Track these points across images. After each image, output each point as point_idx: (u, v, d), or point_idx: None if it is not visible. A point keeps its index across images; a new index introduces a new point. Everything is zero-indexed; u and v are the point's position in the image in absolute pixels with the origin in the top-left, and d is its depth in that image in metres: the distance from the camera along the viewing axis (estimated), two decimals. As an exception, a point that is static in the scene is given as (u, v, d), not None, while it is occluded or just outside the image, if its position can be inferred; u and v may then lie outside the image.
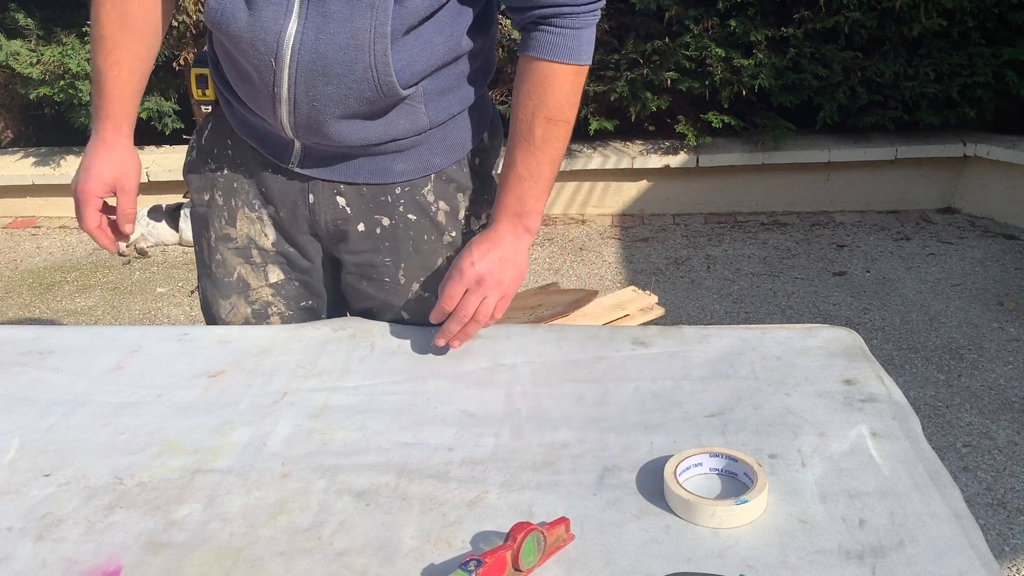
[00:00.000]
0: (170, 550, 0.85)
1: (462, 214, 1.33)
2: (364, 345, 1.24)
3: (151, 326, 1.32)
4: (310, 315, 1.42)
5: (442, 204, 1.31)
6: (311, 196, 1.29)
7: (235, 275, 1.37)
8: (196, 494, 0.93)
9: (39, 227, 4.79)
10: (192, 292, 1.34)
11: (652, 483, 0.91)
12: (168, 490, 0.94)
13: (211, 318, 1.42)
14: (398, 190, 1.28)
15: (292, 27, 1.11)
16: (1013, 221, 4.15)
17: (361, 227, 1.30)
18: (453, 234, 1.33)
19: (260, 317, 1.39)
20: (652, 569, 0.80)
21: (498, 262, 1.19)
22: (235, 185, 1.33)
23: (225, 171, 1.34)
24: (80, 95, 4.46)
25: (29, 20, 4.68)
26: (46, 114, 4.96)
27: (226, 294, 1.38)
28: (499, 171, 1.29)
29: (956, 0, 3.96)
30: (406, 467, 0.96)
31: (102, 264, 4.25)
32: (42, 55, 4.46)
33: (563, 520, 0.84)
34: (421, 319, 1.34)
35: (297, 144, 1.24)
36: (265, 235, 1.34)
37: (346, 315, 1.44)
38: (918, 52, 4.17)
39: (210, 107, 1.35)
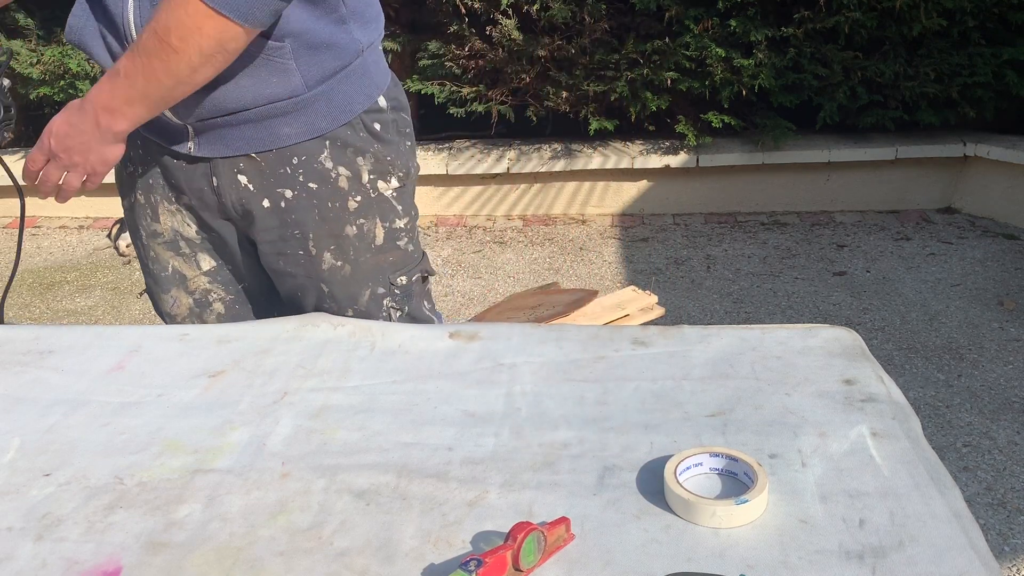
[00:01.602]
0: (170, 550, 0.85)
1: (365, 178, 1.35)
2: (364, 345, 1.24)
3: (151, 326, 1.33)
4: (249, 296, 1.47)
5: (342, 170, 1.32)
6: (215, 179, 1.33)
7: (170, 268, 1.42)
8: (196, 494, 0.93)
9: (39, 227, 4.79)
10: (141, 294, 1.37)
11: (652, 483, 0.91)
12: (168, 490, 0.94)
13: (160, 314, 1.48)
14: (295, 160, 1.30)
15: (131, 6, 1.17)
16: (1013, 221, 4.15)
17: (266, 203, 1.33)
18: (359, 199, 1.34)
19: (202, 305, 1.45)
20: (652, 569, 0.80)
21: (75, 145, 1.22)
22: (151, 182, 1.38)
23: (140, 170, 1.39)
24: (80, 95, 4.46)
25: (29, 20, 4.68)
26: (46, 114, 4.96)
27: (166, 288, 1.43)
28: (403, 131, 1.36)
29: (956, 0, 3.96)
30: (406, 467, 0.96)
31: (102, 264, 4.25)
32: (42, 55, 4.46)
33: (563, 520, 0.83)
34: (342, 291, 1.37)
35: (187, 127, 1.27)
36: (188, 225, 1.40)
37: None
38: (918, 52, 4.17)
39: None
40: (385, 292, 1.42)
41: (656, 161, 4.35)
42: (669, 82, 4.17)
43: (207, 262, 1.42)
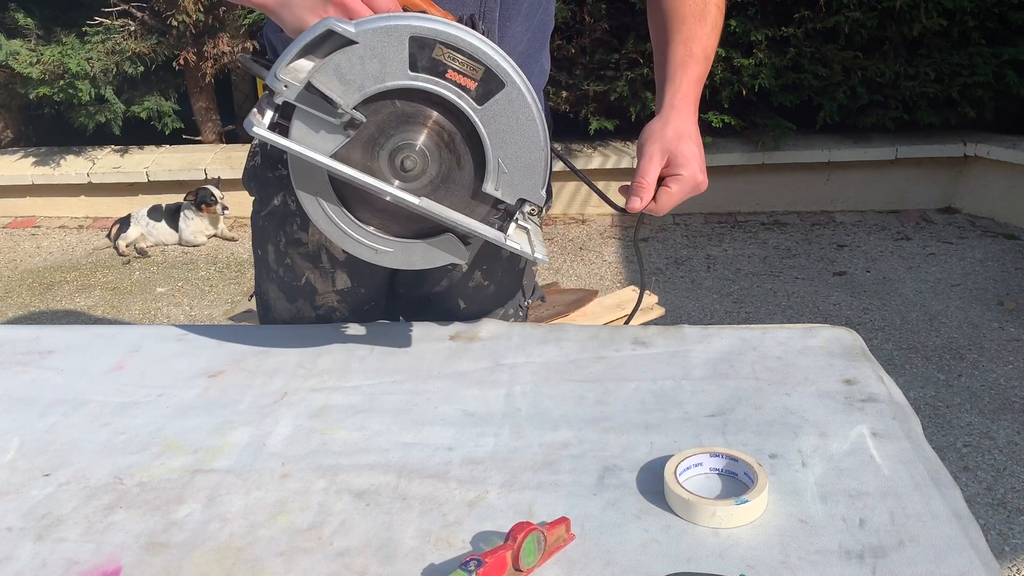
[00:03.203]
0: (170, 550, 0.85)
1: None
2: (364, 345, 1.24)
3: (151, 326, 1.32)
4: (365, 318, 1.40)
5: None
6: None
7: (303, 280, 1.34)
8: (196, 494, 0.93)
9: (39, 227, 4.79)
10: (250, 298, 1.32)
11: (652, 483, 0.91)
12: (168, 490, 0.94)
13: (271, 322, 1.41)
14: None
15: None
16: (1013, 221, 4.15)
17: None
18: None
19: (323, 321, 1.38)
20: (652, 569, 0.80)
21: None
22: None
23: None
24: (80, 95, 4.46)
25: (29, 20, 4.68)
26: (46, 114, 4.96)
27: (292, 298, 1.36)
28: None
29: (956, 0, 3.96)
30: (406, 467, 0.96)
31: (102, 264, 4.25)
32: (42, 55, 4.46)
33: (563, 520, 0.83)
34: (476, 309, 1.34)
35: None
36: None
37: (395, 314, 1.44)
38: (918, 52, 4.17)
39: None
40: (512, 315, 1.42)
41: (656, 161, 4.35)
42: (669, 82, 4.16)
43: (343, 281, 1.35)
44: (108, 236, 4.49)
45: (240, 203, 4.65)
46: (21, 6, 4.70)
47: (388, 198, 0.96)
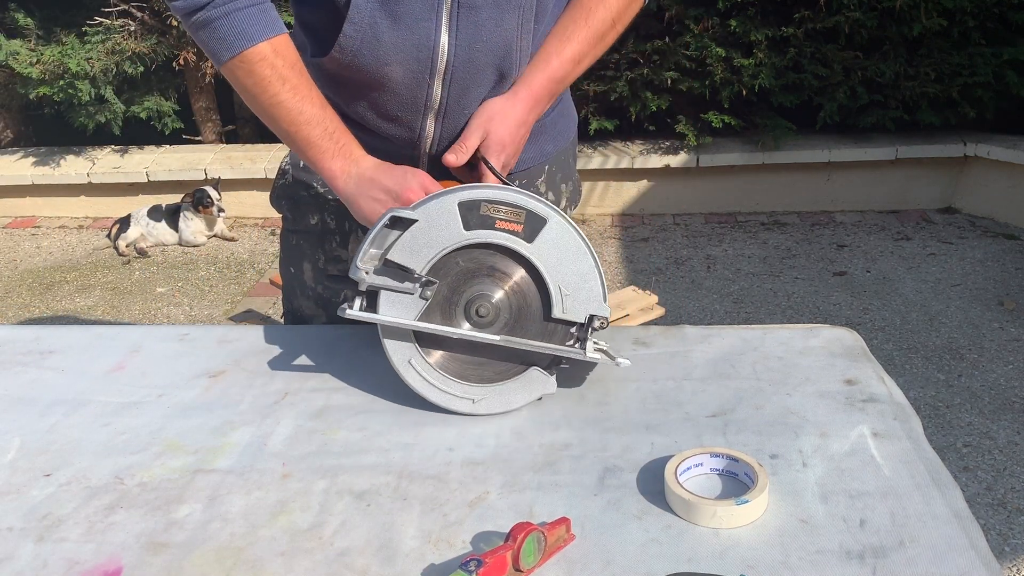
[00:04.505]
0: (171, 550, 0.85)
1: (563, 203, 1.36)
2: (365, 345, 1.24)
3: (151, 326, 1.32)
4: None
5: (551, 195, 1.34)
6: None
7: (342, 296, 1.36)
8: (197, 494, 0.93)
9: (39, 227, 4.79)
10: (275, 316, 1.30)
11: (653, 483, 0.91)
12: (169, 490, 0.94)
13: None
14: (516, 183, 1.28)
15: (444, 39, 1.12)
16: (1013, 221, 4.15)
17: None
18: None
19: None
20: (653, 569, 0.80)
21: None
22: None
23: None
24: (79, 95, 4.46)
25: (29, 20, 4.67)
26: (46, 114, 4.96)
27: (332, 314, 1.37)
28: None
29: (956, 0, 3.96)
30: (407, 467, 0.96)
31: (102, 264, 4.25)
32: (42, 55, 4.46)
33: (564, 520, 0.83)
34: None
35: (425, 160, 1.23)
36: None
37: None
38: (918, 52, 4.17)
39: None
40: None
41: (656, 161, 4.35)
42: (669, 82, 4.17)
43: None
44: (108, 236, 4.49)
45: (239, 204, 4.65)
46: (21, 6, 4.70)
47: (473, 341, 1.07)
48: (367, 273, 1.03)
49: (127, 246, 4.34)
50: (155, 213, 4.40)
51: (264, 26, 1.07)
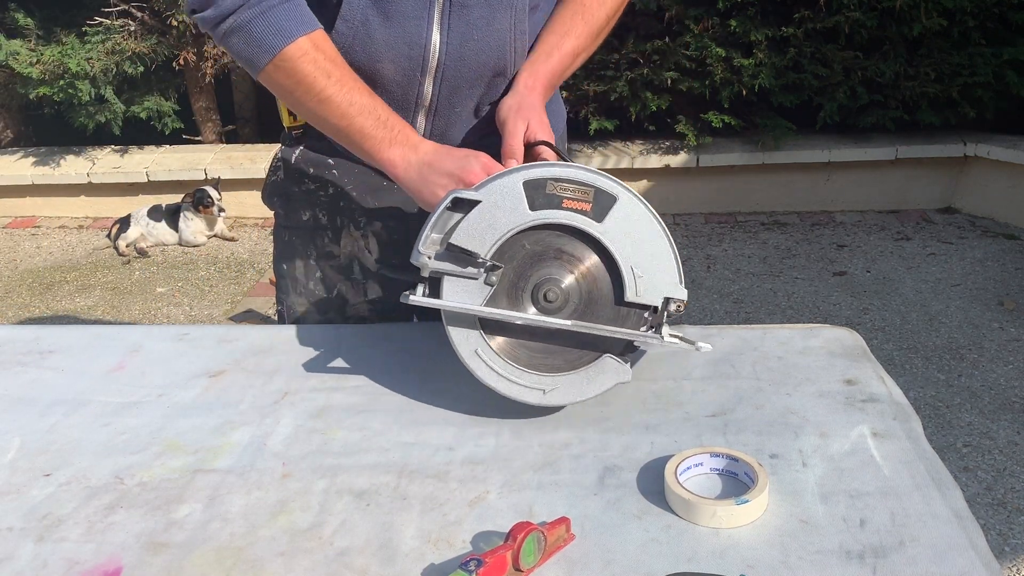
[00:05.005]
0: (170, 550, 0.85)
1: None
2: (365, 345, 1.24)
3: (151, 326, 1.32)
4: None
5: None
6: None
7: (335, 292, 1.35)
8: (197, 494, 0.93)
9: (39, 227, 4.79)
10: (274, 315, 1.30)
11: (653, 483, 0.91)
12: (168, 490, 0.94)
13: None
14: None
15: (436, 37, 1.12)
16: (1013, 221, 4.15)
17: None
18: None
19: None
20: (653, 569, 0.80)
21: None
22: (341, 204, 1.31)
23: (329, 190, 1.31)
24: (79, 95, 4.46)
25: (29, 20, 4.67)
26: (46, 114, 4.96)
27: (323, 310, 1.37)
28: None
29: (956, 0, 3.96)
30: (406, 467, 0.96)
31: (102, 264, 4.25)
32: (42, 55, 4.46)
33: (564, 520, 0.83)
34: None
35: None
36: (369, 252, 1.33)
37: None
38: (918, 52, 4.17)
39: (301, 131, 1.32)
40: None
41: (656, 161, 4.35)
42: (669, 82, 4.17)
43: (375, 291, 1.35)
44: (108, 236, 4.49)
45: (239, 204, 4.65)
46: (21, 6, 4.70)
47: (543, 328, 1.01)
48: (429, 258, 0.99)
49: (127, 246, 4.34)
50: (155, 213, 4.40)
51: (300, 22, 1.06)
